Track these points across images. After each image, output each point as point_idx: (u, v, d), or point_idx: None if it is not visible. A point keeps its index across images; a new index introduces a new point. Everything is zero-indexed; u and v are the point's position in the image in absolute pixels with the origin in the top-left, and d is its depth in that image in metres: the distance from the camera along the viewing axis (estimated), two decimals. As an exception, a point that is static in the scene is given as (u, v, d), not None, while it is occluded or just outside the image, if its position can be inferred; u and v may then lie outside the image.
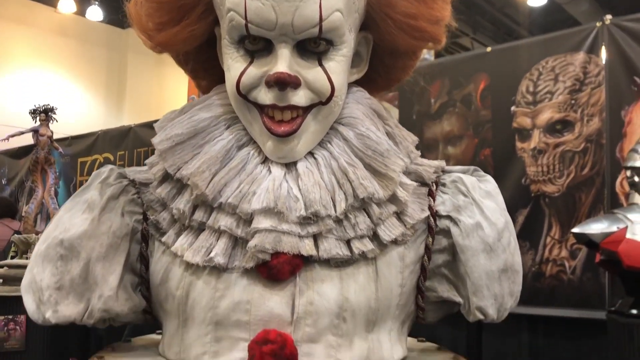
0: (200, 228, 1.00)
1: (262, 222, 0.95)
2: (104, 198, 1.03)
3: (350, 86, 1.09)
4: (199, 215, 0.99)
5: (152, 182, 1.05)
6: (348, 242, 0.98)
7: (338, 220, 0.97)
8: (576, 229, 2.63)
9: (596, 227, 2.53)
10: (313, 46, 0.99)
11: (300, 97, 0.98)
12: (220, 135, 1.03)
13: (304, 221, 0.96)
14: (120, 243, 1.02)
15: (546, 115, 3.37)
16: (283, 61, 0.96)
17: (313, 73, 0.99)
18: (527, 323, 3.28)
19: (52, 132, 4.75)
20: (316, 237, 0.97)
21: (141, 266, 1.06)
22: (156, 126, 1.07)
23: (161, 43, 1.09)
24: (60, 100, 6.93)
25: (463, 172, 1.11)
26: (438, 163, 1.11)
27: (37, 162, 4.59)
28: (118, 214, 1.04)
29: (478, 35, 10.26)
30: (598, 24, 3.26)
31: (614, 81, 3.17)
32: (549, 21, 8.86)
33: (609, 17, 3.23)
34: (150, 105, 10.56)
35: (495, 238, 1.03)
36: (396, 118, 1.14)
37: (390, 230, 1.00)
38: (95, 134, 6.33)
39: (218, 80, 1.12)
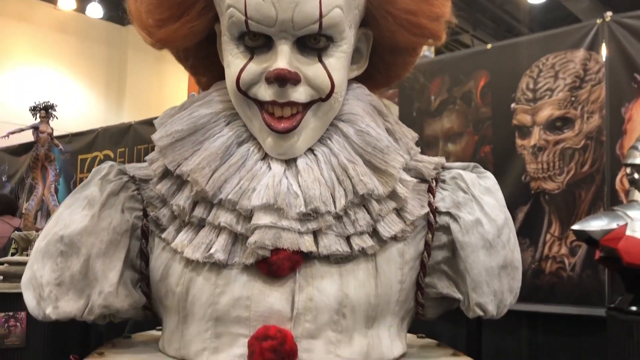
0: (200, 224, 1.00)
1: (262, 219, 0.95)
2: (104, 194, 1.03)
3: (350, 83, 1.10)
4: (199, 211, 0.99)
5: (152, 179, 1.05)
6: (348, 239, 0.98)
7: (338, 216, 0.98)
8: (576, 226, 2.62)
9: (596, 224, 2.53)
10: (313, 42, 0.99)
11: (300, 94, 0.98)
12: (220, 131, 1.03)
13: (304, 217, 0.96)
14: (120, 239, 1.02)
15: (546, 112, 3.36)
16: (283, 57, 0.97)
17: (313, 69, 0.99)
18: (527, 320, 3.28)
19: (52, 129, 4.73)
20: (316, 234, 0.97)
21: (141, 262, 1.06)
22: (156, 123, 1.07)
23: (161, 39, 1.09)
24: (60, 97, 6.91)
25: (463, 169, 1.11)
26: (438, 160, 1.12)
27: (37, 159, 4.58)
28: (118, 211, 1.04)
29: (478, 32, 10.25)
30: (598, 21, 3.26)
31: (614, 78, 3.16)
32: (549, 18, 8.85)
33: (610, 14, 3.22)
34: (150, 102, 10.56)
35: (494, 234, 1.03)
36: (396, 115, 1.14)
37: (389, 226, 1.00)
38: (95, 131, 6.33)
39: (218, 76, 1.12)
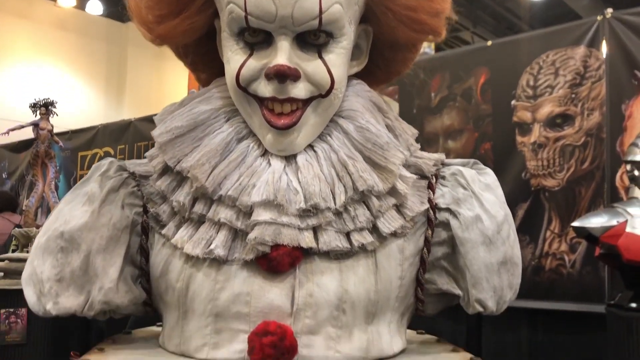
0: (200, 220, 1.00)
1: (262, 215, 0.95)
2: (104, 190, 1.03)
3: (350, 79, 1.09)
4: (199, 207, 0.99)
5: (152, 175, 1.05)
6: (347, 235, 0.98)
7: (338, 212, 0.98)
8: (576, 223, 2.62)
9: (596, 221, 2.53)
10: (313, 38, 0.99)
11: (300, 90, 0.98)
12: (220, 128, 1.03)
13: (304, 214, 0.96)
14: (120, 235, 1.02)
15: (546, 109, 3.36)
16: (283, 53, 0.96)
17: (313, 65, 0.99)
18: (527, 317, 3.28)
19: (52, 126, 4.74)
20: (316, 230, 0.97)
21: (141, 258, 1.06)
22: (156, 119, 1.07)
23: (161, 35, 1.09)
24: (60, 94, 6.92)
25: (463, 165, 1.11)
26: (438, 156, 1.12)
27: (38, 156, 4.58)
28: (118, 207, 1.04)
29: (479, 29, 10.24)
30: (599, 18, 3.25)
31: (615, 75, 3.16)
32: (550, 15, 8.84)
33: (610, 11, 3.22)
34: (150, 99, 10.54)
35: (494, 230, 1.03)
36: (396, 112, 1.14)
37: (389, 222, 1.00)
38: (95, 128, 6.33)
39: (218, 73, 1.12)
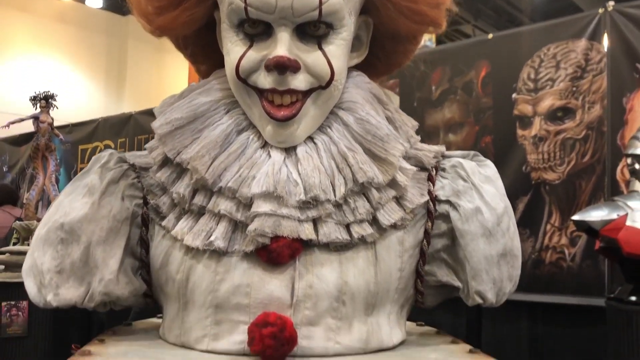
0: (200, 212, 1.00)
1: (262, 206, 0.95)
2: (104, 182, 1.03)
3: (350, 70, 1.09)
4: (199, 199, 0.99)
5: (152, 167, 1.05)
6: (347, 227, 0.98)
7: (337, 204, 0.98)
8: (576, 217, 2.63)
9: (596, 215, 2.53)
10: (313, 30, 0.98)
11: (299, 81, 0.98)
12: (219, 119, 1.03)
13: (304, 205, 0.96)
14: (120, 227, 1.02)
15: (547, 102, 3.35)
16: (282, 45, 0.96)
17: (313, 57, 0.99)
18: (527, 310, 3.28)
19: (53, 119, 4.73)
20: (316, 222, 0.97)
21: (141, 250, 1.06)
22: (156, 110, 1.07)
23: (160, 27, 1.08)
24: (60, 87, 6.90)
25: (463, 157, 1.11)
26: (438, 148, 1.11)
27: (38, 149, 4.58)
28: (118, 198, 1.04)
29: (479, 22, 10.20)
30: (600, 11, 3.24)
31: (616, 68, 3.15)
32: (551, 8, 8.81)
33: (612, 4, 3.20)
34: (150, 92, 10.53)
35: (494, 223, 1.03)
36: (397, 105, 1.14)
37: (389, 214, 1.00)
38: (95, 121, 6.32)
39: (217, 64, 1.12)
